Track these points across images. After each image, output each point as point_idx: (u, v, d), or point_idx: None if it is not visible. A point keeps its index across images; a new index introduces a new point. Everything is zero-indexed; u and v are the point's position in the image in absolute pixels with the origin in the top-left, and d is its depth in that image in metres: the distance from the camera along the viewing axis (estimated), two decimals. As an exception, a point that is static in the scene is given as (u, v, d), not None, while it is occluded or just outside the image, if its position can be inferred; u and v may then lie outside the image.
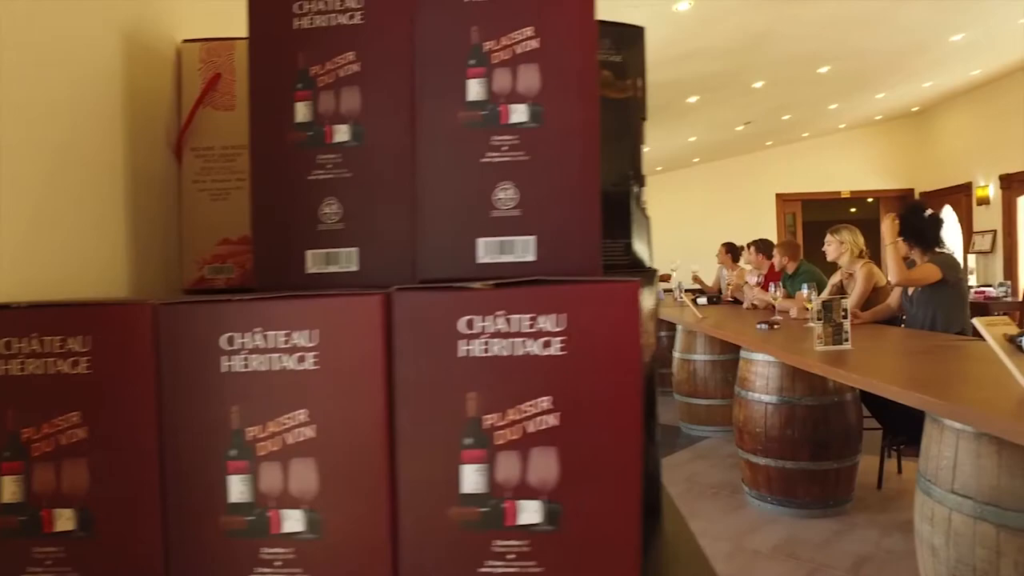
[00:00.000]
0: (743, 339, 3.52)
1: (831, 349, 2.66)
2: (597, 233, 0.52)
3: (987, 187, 8.38)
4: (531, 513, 0.38)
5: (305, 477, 0.41)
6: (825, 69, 6.35)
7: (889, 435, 3.57)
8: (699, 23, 4.60)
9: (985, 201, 8.42)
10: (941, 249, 3.57)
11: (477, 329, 0.38)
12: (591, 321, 0.37)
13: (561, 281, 0.38)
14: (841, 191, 10.68)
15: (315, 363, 0.40)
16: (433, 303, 0.39)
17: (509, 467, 0.38)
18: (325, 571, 0.40)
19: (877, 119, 9.99)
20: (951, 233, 9.11)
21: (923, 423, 1.98)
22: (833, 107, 8.35)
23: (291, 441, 0.41)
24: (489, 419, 0.38)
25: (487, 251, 0.51)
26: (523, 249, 0.51)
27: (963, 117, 9.00)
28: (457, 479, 0.39)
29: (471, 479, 0.39)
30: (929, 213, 3.69)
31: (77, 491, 0.42)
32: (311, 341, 0.40)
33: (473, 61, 0.52)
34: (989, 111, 8.30)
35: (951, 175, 9.22)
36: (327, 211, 0.55)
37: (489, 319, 0.38)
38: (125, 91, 0.66)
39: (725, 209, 10.48)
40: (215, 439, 0.41)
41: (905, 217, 3.69)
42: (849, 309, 2.76)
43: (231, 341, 0.41)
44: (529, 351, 0.38)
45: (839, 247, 4.19)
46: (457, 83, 0.52)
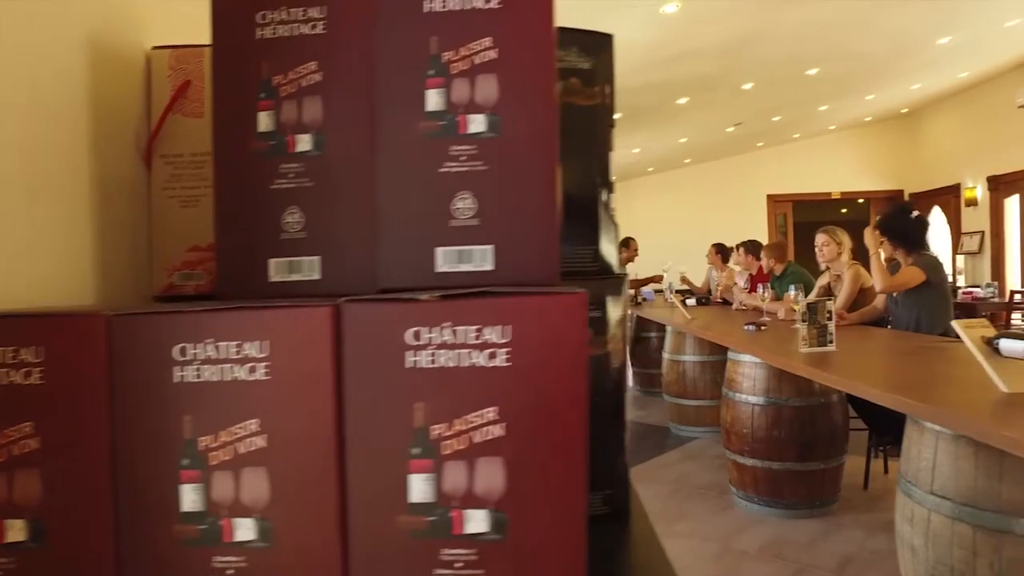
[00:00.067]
0: (730, 340, 3.53)
1: (816, 351, 2.68)
2: (555, 242, 0.52)
3: (975, 188, 8.45)
4: (478, 522, 0.39)
5: (257, 486, 0.41)
6: (814, 71, 6.39)
7: (875, 436, 3.59)
8: (687, 25, 4.62)
9: (973, 202, 8.49)
10: (925, 251, 3.60)
11: (424, 340, 0.39)
12: (536, 333, 0.38)
13: (507, 293, 0.39)
14: (832, 192, 10.74)
15: (266, 373, 0.41)
16: (381, 314, 0.39)
17: (456, 477, 0.39)
18: (276, 579, 0.40)
19: (867, 120, 10.06)
20: (939, 235, 9.18)
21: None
22: (823, 108, 8.40)
23: (243, 451, 0.41)
24: (436, 429, 0.39)
25: (446, 260, 0.52)
26: (481, 258, 0.51)
27: (951, 119, 9.07)
28: (405, 488, 0.39)
29: (419, 488, 0.39)
30: (915, 215, 3.72)
31: (29, 501, 0.42)
32: (262, 352, 0.41)
33: (432, 71, 0.52)
34: (977, 113, 8.37)
35: (940, 176, 9.29)
36: (289, 220, 0.55)
37: (436, 330, 0.39)
38: (92, 98, 0.66)
39: (716, 210, 10.53)
40: (168, 449, 0.42)
41: (891, 218, 3.71)
42: (836, 311, 2.78)
43: (183, 352, 0.42)
44: (475, 362, 0.38)
45: (837, 248, 4.20)
46: (416, 93, 0.52)
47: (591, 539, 0.62)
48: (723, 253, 6.48)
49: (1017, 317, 6.77)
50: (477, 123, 0.51)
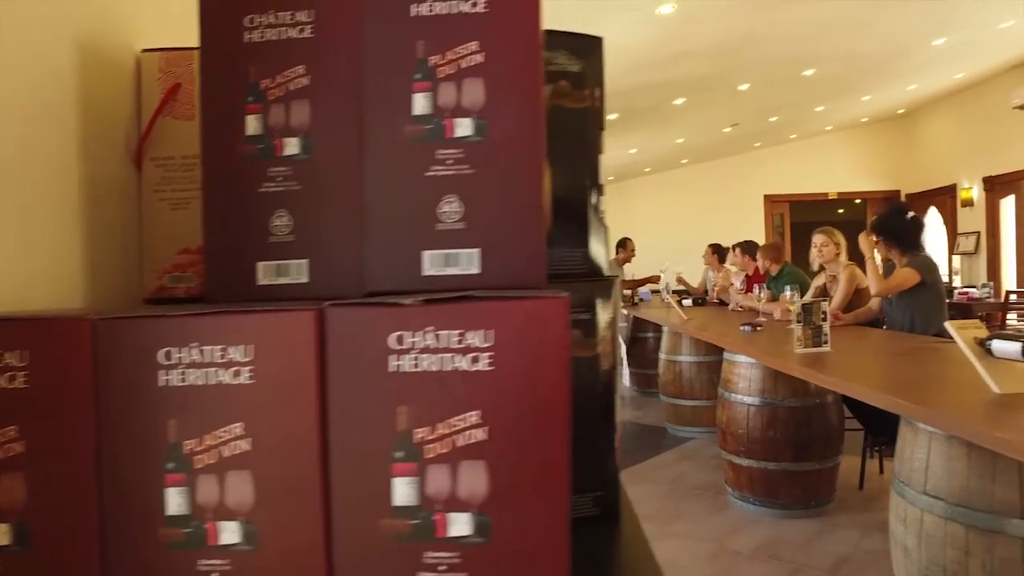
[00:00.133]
0: (726, 341, 3.54)
1: (810, 351, 2.69)
2: (541, 245, 0.53)
3: (971, 189, 8.48)
4: (461, 525, 0.39)
5: (241, 489, 0.41)
6: (810, 72, 6.41)
7: (870, 436, 3.60)
8: (683, 26, 4.63)
9: (969, 203, 8.51)
10: (920, 252, 3.62)
11: (407, 344, 0.39)
12: (518, 337, 0.38)
13: (489, 297, 0.39)
14: (829, 192, 10.76)
15: (250, 377, 0.41)
16: (364, 319, 0.40)
17: (439, 480, 0.39)
18: (261, 583, 0.41)
19: (863, 121, 10.08)
20: (935, 235, 9.21)
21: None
22: (819, 109, 8.42)
23: (227, 454, 0.41)
24: (419, 433, 0.39)
25: (432, 264, 0.52)
26: (468, 262, 0.51)
27: (947, 120, 9.09)
28: (389, 492, 0.40)
29: (402, 492, 0.39)
30: (911, 216, 3.74)
31: (14, 505, 0.42)
32: (246, 356, 0.41)
33: (419, 75, 0.52)
34: (972, 114, 8.40)
35: (936, 177, 9.31)
36: (277, 223, 0.56)
37: (419, 335, 0.39)
38: (81, 100, 0.66)
39: (714, 210, 10.54)
40: (153, 452, 0.42)
41: (887, 218, 3.74)
42: (831, 311, 2.78)
43: (168, 356, 0.42)
44: (458, 366, 0.39)
45: (836, 248, 4.21)
46: (403, 97, 0.52)
47: (580, 540, 0.62)
48: (719, 253, 6.49)
49: (1012, 317, 6.79)
50: (464, 127, 0.52)
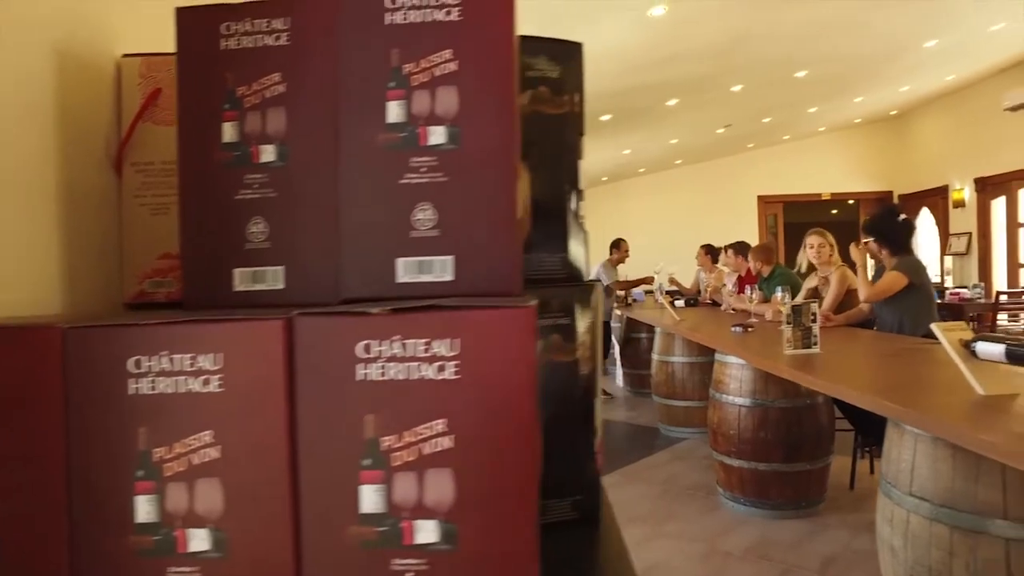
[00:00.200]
0: (717, 342, 3.55)
1: (800, 353, 2.70)
2: (515, 252, 0.53)
3: (963, 190, 8.52)
4: (428, 532, 0.39)
5: (211, 497, 0.42)
6: (803, 73, 6.43)
7: (860, 436, 3.62)
8: (675, 28, 4.64)
9: (961, 204, 8.55)
10: (908, 253, 3.65)
11: (374, 353, 0.39)
12: (484, 346, 0.39)
13: (455, 307, 0.39)
14: (822, 193, 10.80)
15: (220, 386, 0.41)
16: (332, 328, 0.40)
17: (406, 488, 0.39)
18: (230, 589, 0.41)
19: (856, 122, 10.11)
20: (927, 236, 9.25)
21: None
22: (812, 110, 8.45)
23: (197, 462, 0.42)
24: (386, 441, 0.39)
25: (406, 271, 0.52)
26: (441, 269, 0.52)
27: (939, 121, 9.14)
28: (357, 499, 0.40)
29: (370, 499, 0.40)
30: (902, 218, 3.79)
31: (-16, 513, 0.42)
32: (216, 364, 0.41)
33: (393, 83, 0.53)
34: (964, 116, 8.44)
35: (928, 178, 9.36)
36: (254, 230, 0.56)
37: (386, 343, 0.39)
38: (59, 104, 0.66)
39: (708, 211, 10.56)
40: (123, 460, 0.42)
41: (879, 219, 3.79)
42: (822, 312, 2.80)
43: (138, 364, 0.42)
44: (424, 375, 0.39)
45: (831, 249, 4.23)
46: (378, 105, 0.53)
47: (557, 544, 0.63)
48: (712, 254, 6.51)
49: (1003, 318, 6.83)
50: (437, 135, 0.52)
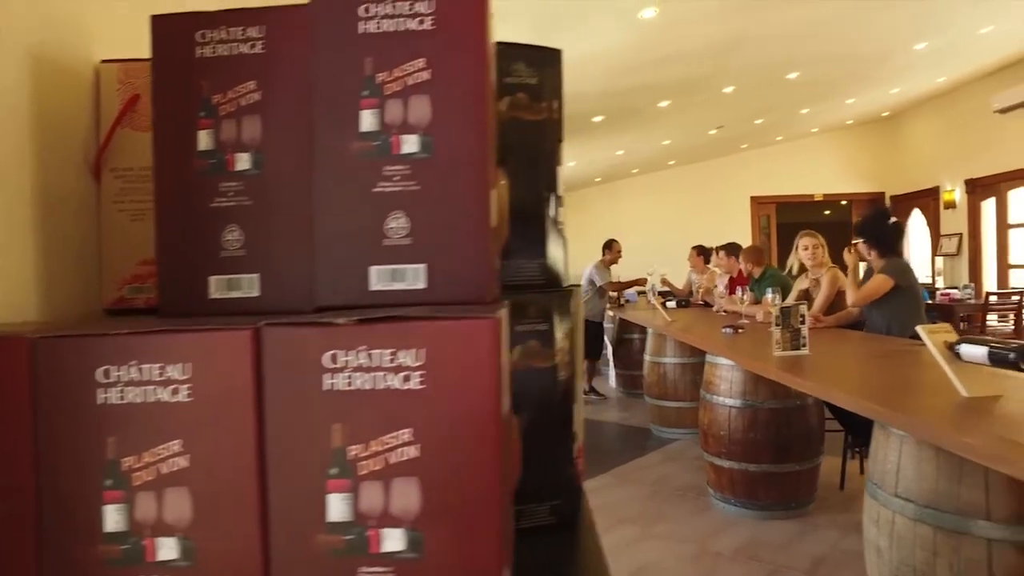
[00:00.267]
0: (707, 343, 3.57)
1: (789, 354, 2.71)
2: (488, 260, 0.53)
3: (953, 191, 8.57)
4: (394, 541, 0.40)
5: (179, 506, 0.42)
6: (794, 75, 6.46)
7: (850, 436, 3.64)
8: (665, 30, 4.66)
9: (952, 205, 8.61)
10: (897, 255, 3.69)
11: (341, 363, 0.40)
12: (449, 356, 0.39)
13: (420, 316, 0.39)
14: (815, 194, 10.85)
15: (188, 395, 0.41)
16: (299, 338, 0.40)
17: (373, 496, 0.40)
18: (199, 598, 0.41)
19: (848, 124, 10.17)
20: (919, 237, 9.31)
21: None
22: (805, 112, 8.48)
23: (165, 471, 0.42)
24: (353, 450, 0.40)
25: (379, 279, 0.52)
26: (414, 277, 0.52)
27: (930, 123, 9.19)
28: (324, 508, 0.40)
29: (337, 508, 0.40)
30: (892, 220, 3.83)
31: (-48, 522, 0.42)
32: (184, 374, 0.41)
33: (367, 92, 0.53)
34: (954, 117, 8.49)
35: (919, 179, 9.41)
36: (229, 238, 0.56)
37: (352, 354, 0.40)
38: (36, 110, 0.66)
39: (701, 211, 10.60)
40: (91, 470, 0.42)
41: (870, 221, 3.84)
42: (813, 314, 2.81)
43: (107, 374, 0.42)
44: (390, 385, 0.39)
45: (824, 250, 4.26)
46: (351, 114, 0.53)
47: (533, 549, 0.63)
48: (704, 255, 6.53)
49: (993, 318, 6.87)
50: (410, 144, 0.52)
